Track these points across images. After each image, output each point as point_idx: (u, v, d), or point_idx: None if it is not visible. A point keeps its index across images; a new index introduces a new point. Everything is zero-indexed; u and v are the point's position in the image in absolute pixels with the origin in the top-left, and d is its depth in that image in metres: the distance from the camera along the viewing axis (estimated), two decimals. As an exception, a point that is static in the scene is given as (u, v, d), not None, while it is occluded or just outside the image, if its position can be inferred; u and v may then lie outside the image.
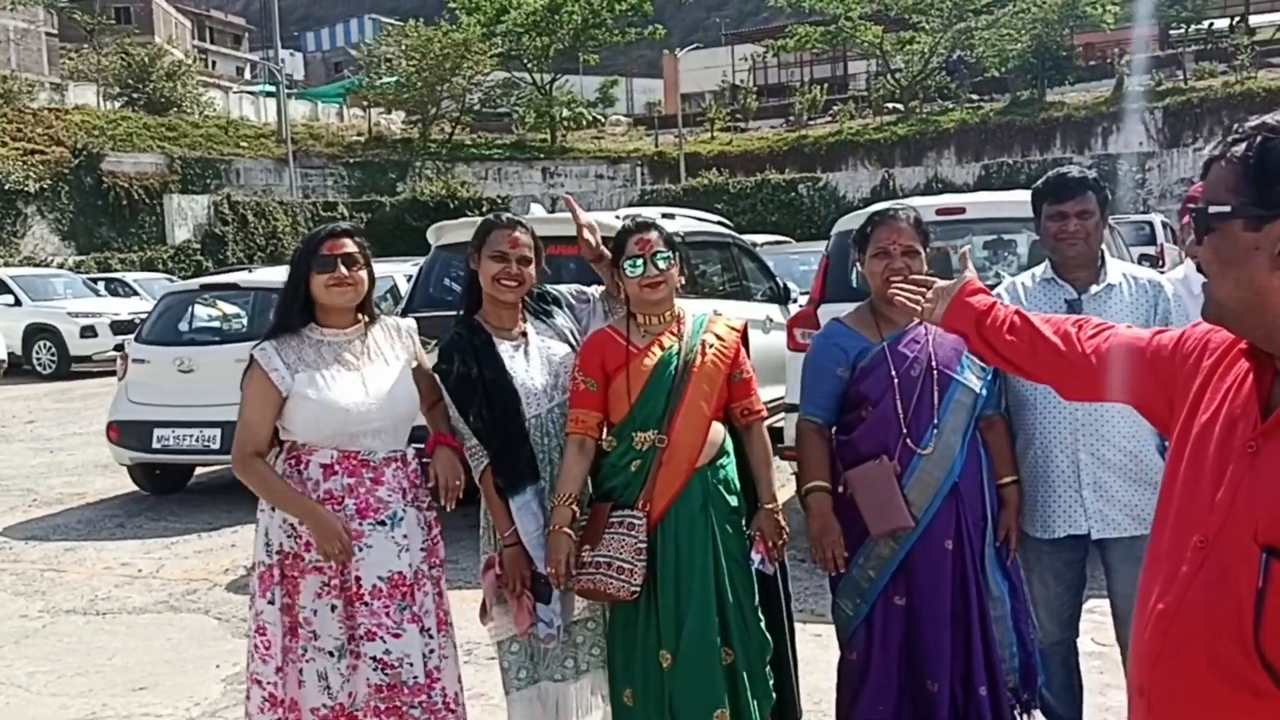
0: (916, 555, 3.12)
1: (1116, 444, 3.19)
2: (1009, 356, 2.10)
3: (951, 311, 2.21)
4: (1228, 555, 1.40)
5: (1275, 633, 1.32)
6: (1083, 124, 27.87)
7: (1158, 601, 1.50)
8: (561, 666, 3.32)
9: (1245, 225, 1.40)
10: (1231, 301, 1.45)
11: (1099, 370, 1.88)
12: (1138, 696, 1.55)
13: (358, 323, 3.25)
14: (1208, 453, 1.50)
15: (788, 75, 45.83)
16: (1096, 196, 3.25)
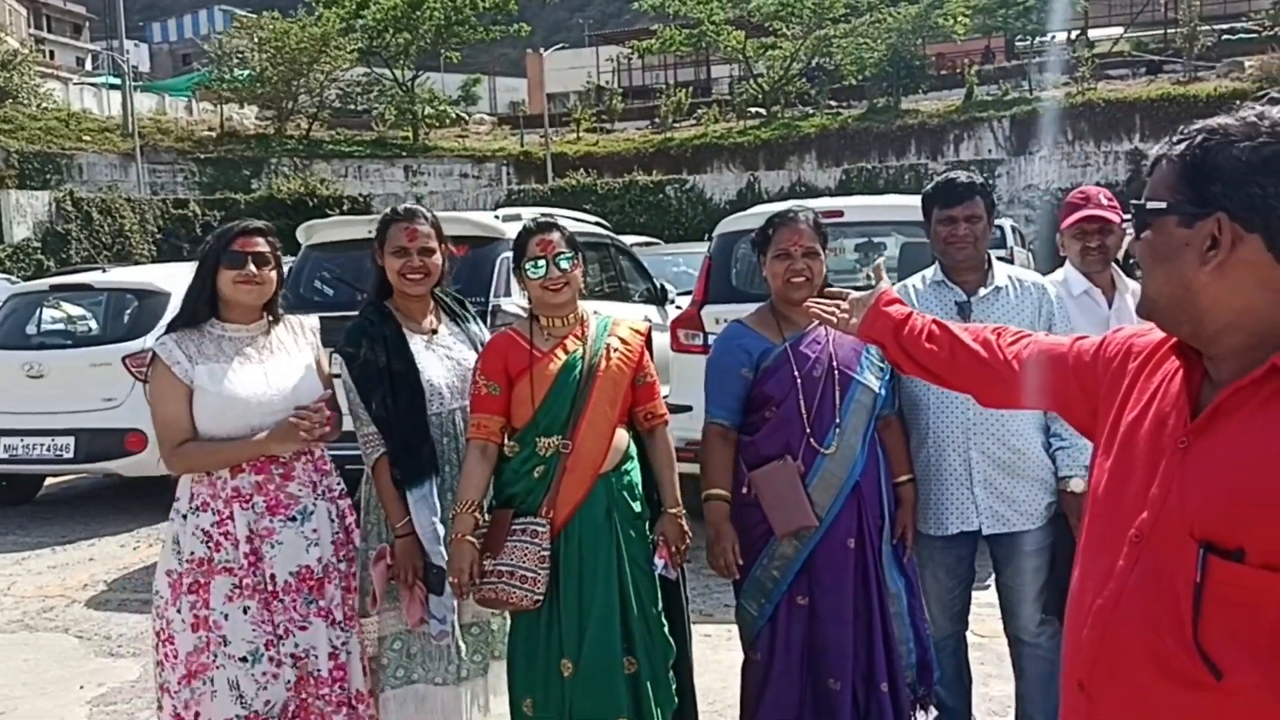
0: (820, 554, 3.15)
1: (1006, 442, 3.29)
2: (928, 365, 2.11)
3: (868, 322, 2.21)
4: (1163, 550, 1.42)
5: (1213, 626, 1.35)
6: (936, 131, 28.87)
7: (1095, 597, 1.51)
8: (443, 670, 3.26)
9: (1179, 222, 1.42)
10: (1162, 298, 1.47)
11: (1020, 378, 1.91)
12: (1077, 691, 1.56)
13: (261, 319, 3.17)
14: (1137, 450, 1.52)
15: (652, 78, 46.17)
16: (984, 202, 3.35)
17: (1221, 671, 1.34)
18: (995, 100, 29.89)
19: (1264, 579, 1.31)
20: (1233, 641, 1.33)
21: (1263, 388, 1.38)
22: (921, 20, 32.17)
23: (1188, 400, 1.48)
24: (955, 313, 3.34)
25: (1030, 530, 3.34)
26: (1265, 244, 1.37)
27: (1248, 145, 1.36)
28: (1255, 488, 1.34)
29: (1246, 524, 1.34)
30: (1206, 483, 1.39)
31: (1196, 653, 1.35)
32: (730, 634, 4.95)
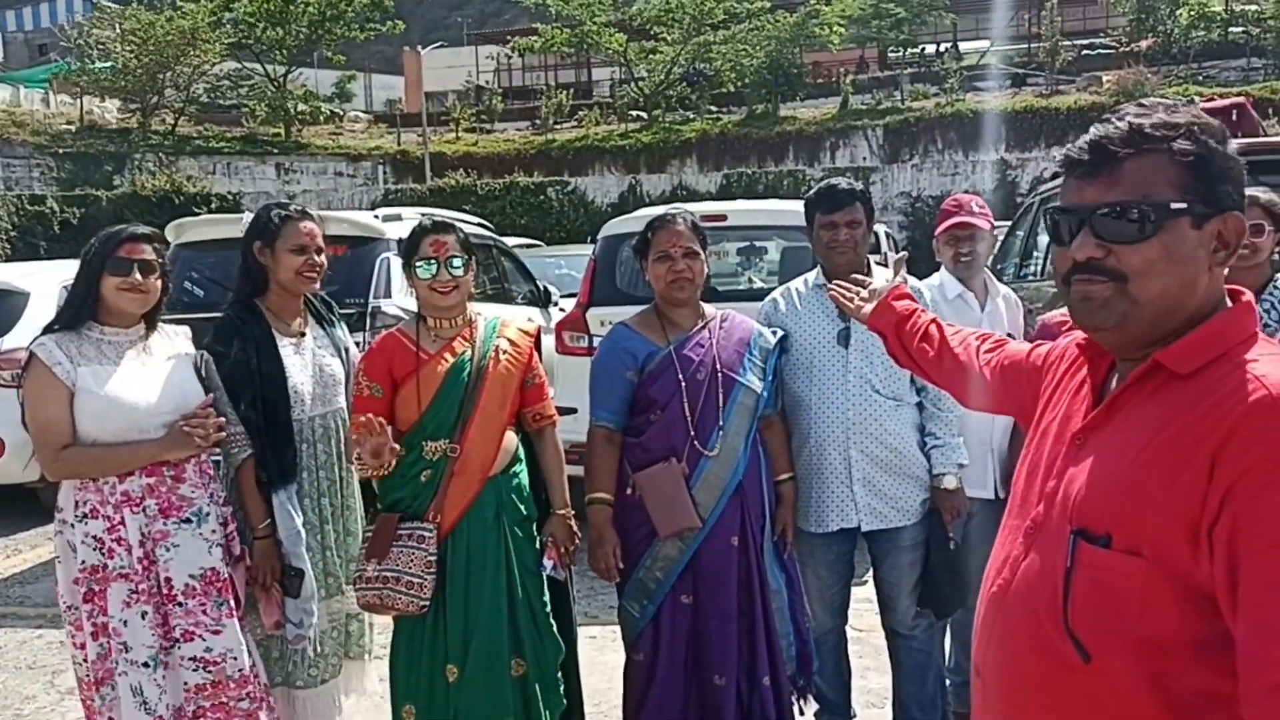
0: (703, 554, 3.19)
1: (884, 442, 3.38)
2: (919, 362, 2.21)
3: (876, 313, 2.35)
4: (1048, 539, 1.47)
5: (1082, 609, 1.39)
6: (813, 138, 29.41)
7: (990, 585, 1.57)
8: (304, 673, 3.27)
9: (1191, 223, 1.39)
10: (1161, 301, 1.41)
11: (991, 386, 1.98)
12: (975, 675, 1.61)
13: (139, 324, 3.10)
14: (1046, 446, 1.56)
15: (533, 78, 45.94)
16: (864, 208, 3.44)
17: (1089, 654, 1.38)
18: (869, 109, 30.61)
19: (1127, 564, 1.34)
20: (1100, 625, 1.37)
21: (1148, 381, 1.42)
22: (799, 29, 32.74)
23: (1092, 397, 1.53)
24: (836, 316, 3.42)
25: (907, 526, 3.44)
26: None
27: (1233, 146, 1.41)
28: (1123, 475, 1.38)
29: (1114, 510, 1.38)
30: (1086, 474, 1.43)
31: (1067, 636, 1.39)
32: (615, 635, 4.95)
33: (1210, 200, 1.39)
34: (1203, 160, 1.39)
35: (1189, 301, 1.42)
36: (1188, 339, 1.40)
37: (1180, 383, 1.39)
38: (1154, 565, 1.33)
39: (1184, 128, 1.40)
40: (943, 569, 3.44)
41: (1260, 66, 29.71)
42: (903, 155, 28.10)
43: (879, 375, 3.38)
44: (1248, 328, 1.40)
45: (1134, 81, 27.57)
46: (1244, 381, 1.32)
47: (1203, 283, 1.41)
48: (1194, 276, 1.41)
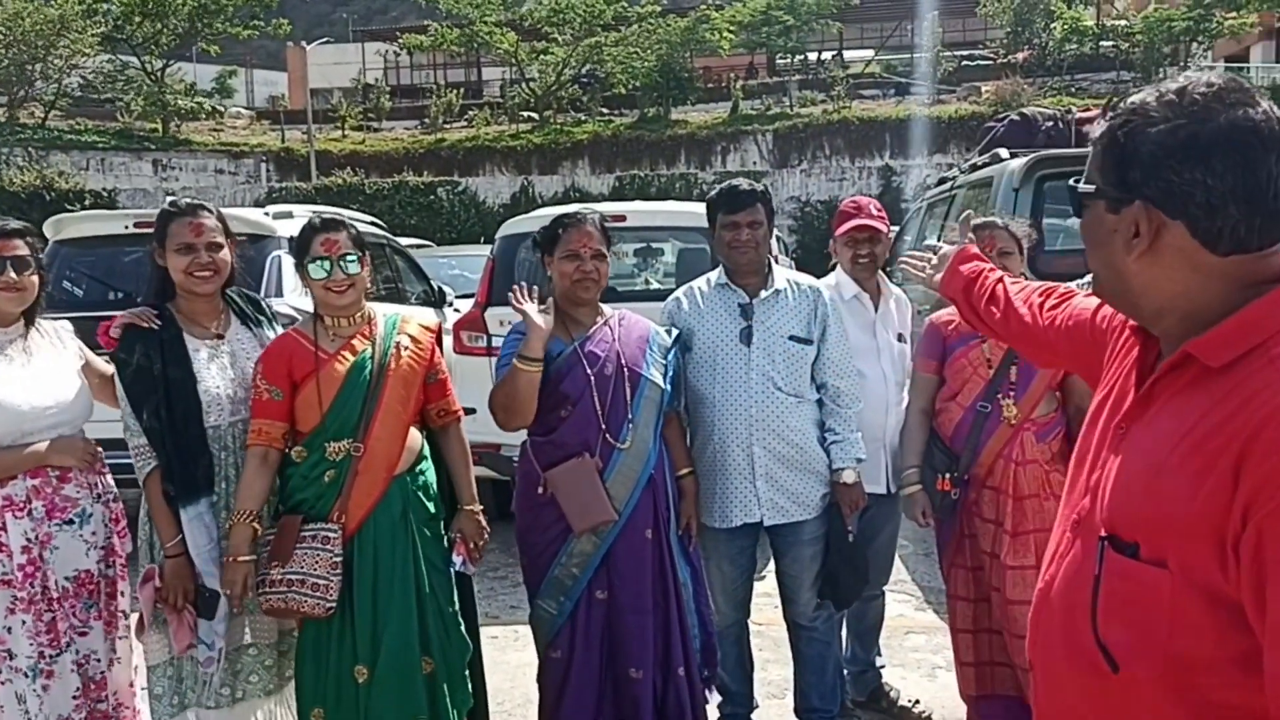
0: (619, 547, 3.22)
1: (786, 437, 3.45)
2: (989, 324, 2.16)
3: (946, 279, 2.29)
4: (1088, 537, 1.40)
5: (1109, 618, 1.33)
6: (704, 142, 29.71)
7: (1041, 579, 1.51)
8: (217, 694, 3.11)
9: (1106, 207, 1.37)
10: (1101, 279, 1.44)
11: (1054, 343, 1.90)
12: (1032, 670, 1.56)
13: (18, 321, 2.98)
14: (1095, 432, 1.49)
15: (422, 77, 45.40)
16: (765, 209, 3.51)
17: (1118, 664, 1.32)
18: (759, 115, 31.06)
19: (1153, 575, 1.28)
20: (1128, 636, 1.31)
21: (1182, 375, 1.34)
22: (690, 34, 33.01)
23: (1137, 382, 1.44)
24: (739, 314, 3.48)
25: (808, 520, 3.52)
26: (1189, 230, 1.30)
27: (1164, 128, 1.30)
28: (1151, 481, 1.31)
29: (1140, 518, 1.31)
30: (1122, 472, 1.36)
31: (1094, 639, 1.35)
32: (517, 634, 4.96)
33: (1121, 186, 1.34)
34: (1115, 146, 1.35)
35: (1127, 285, 1.39)
36: (1218, 329, 1.29)
37: (1213, 377, 1.29)
38: (1181, 577, 1.25)
39: (1121, 114, 1.35)
40: (842, 561, 3.52)
41: (1129, 79, 31.05)
42: (792, 160, 28.58)
43: (780, 372, 3.44)
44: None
45: (1011, 92, 28.56)
46: (1273, 379, 1.22)
47: (1142, 272, 1.36)
48: (1114, 261, 1.38)
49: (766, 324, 3.47)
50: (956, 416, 3.58)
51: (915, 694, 4.20)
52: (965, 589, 3.64)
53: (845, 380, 3.53)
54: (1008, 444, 3.48)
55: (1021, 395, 3.48)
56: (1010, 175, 5.69)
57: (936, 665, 4.54)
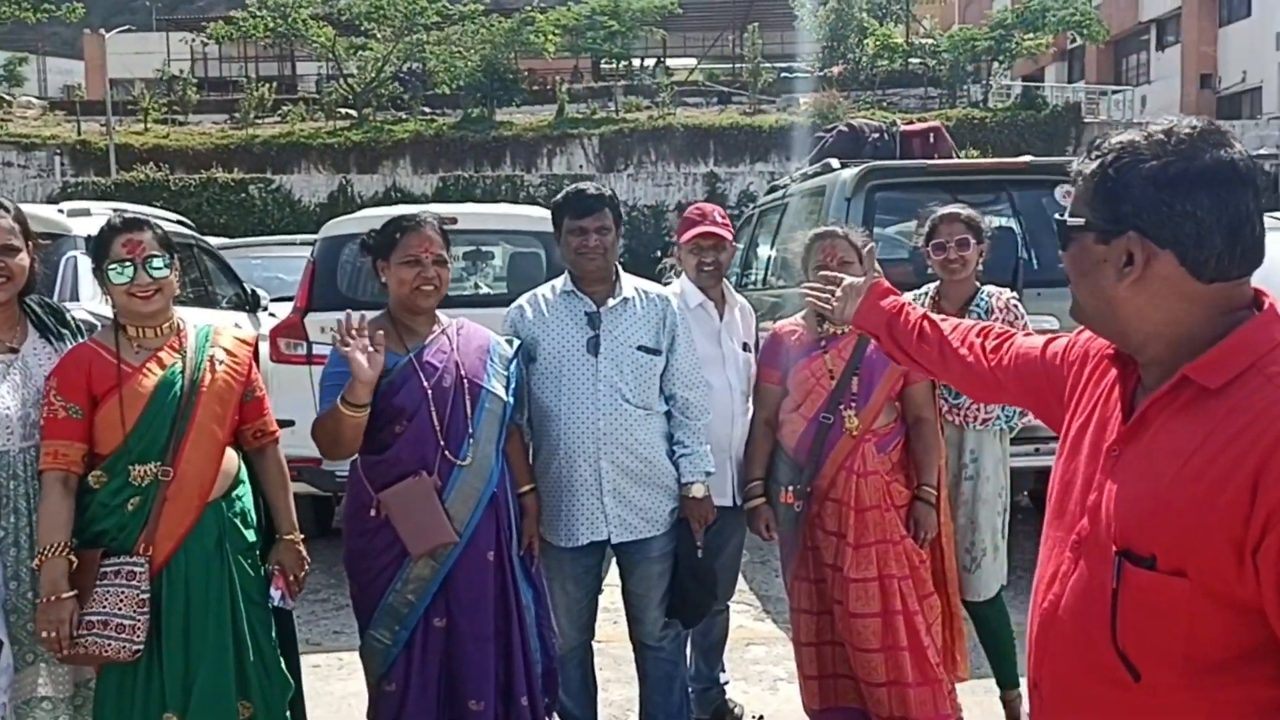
0: (459, 571, 3.02)
1: (635, 452, 3.33)
2: (920, 361, 2.16)
3: (863, 313, 2.26)
4: (1094, 555, 1.47)
5: (1130, 629, 1.40)
6: (530, 144, 29.47)
7: (1043, 599, 1.57)
8: None
9: (1096, 239, 1.46)
10: (1089, 308, 1.52)
11: (1004, 383, 1.96)
12: (1033, 690, 1.61)
13: None
14: (1081, 455, 1.56)
15: (232, 69, 43.48)
16: (613, 214, 3.38)
17: (1139, 673, 1.39)
18: (585, 118, 31.08)
19: (1173, 585, 1.35)
20: (1148, 645, 1.38)
21: (1177, 397, 1.42)
22: (514, 35, 32.74)
23: (1122, 407, 1.52)
24: (585, 323, 3.33)
25: (656, 536, 3.41)
26: (1177, 259, 1.40)
27: (1155, 164, 1.40)
28: (1163, 496, 1.38)
29: (1156, 531, 1.38)
30: (1126, 491, 1.44)
31: (1114, 651, 1.41)
32: (341, 663, 4.69)
33: (1112, 218, 1.44)
34: (1105, 181, 1.44)
35: (1115, 312, 1.47)
36: (1213, 352, 1.39)
37: (1211, 397, 1.38)
38: (1199, 585, 1.34)
39: (1108, 152, 1.45)
40: (691, 578, 3.42)
41: (936, 96, 32.59)
42: (618, 165, 28.71)
43: (629, 384, 3.32)
44: (1274, 337, 1.39)
45: (828, 104, 29.50)
46: (1277, 398, 1.32)
47: (1131, 300, 1.44)
48: (1103, 289, 1.47)
49: (614, 334, 3.34)
50: (800, 428, 3.54)
51: (758, 709, 4.15)
52: (808, 602, 3.60)
53: (694, 391, 3.44)
54: (850, 455, 3.46)
55: (863, 406, 3.46)
56: (843, 185, 5.76)
57: (778, 677, 4.51)
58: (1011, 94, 33.92)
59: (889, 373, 3.46)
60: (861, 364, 3.48)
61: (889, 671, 3.44)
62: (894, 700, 3.43)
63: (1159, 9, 38.42)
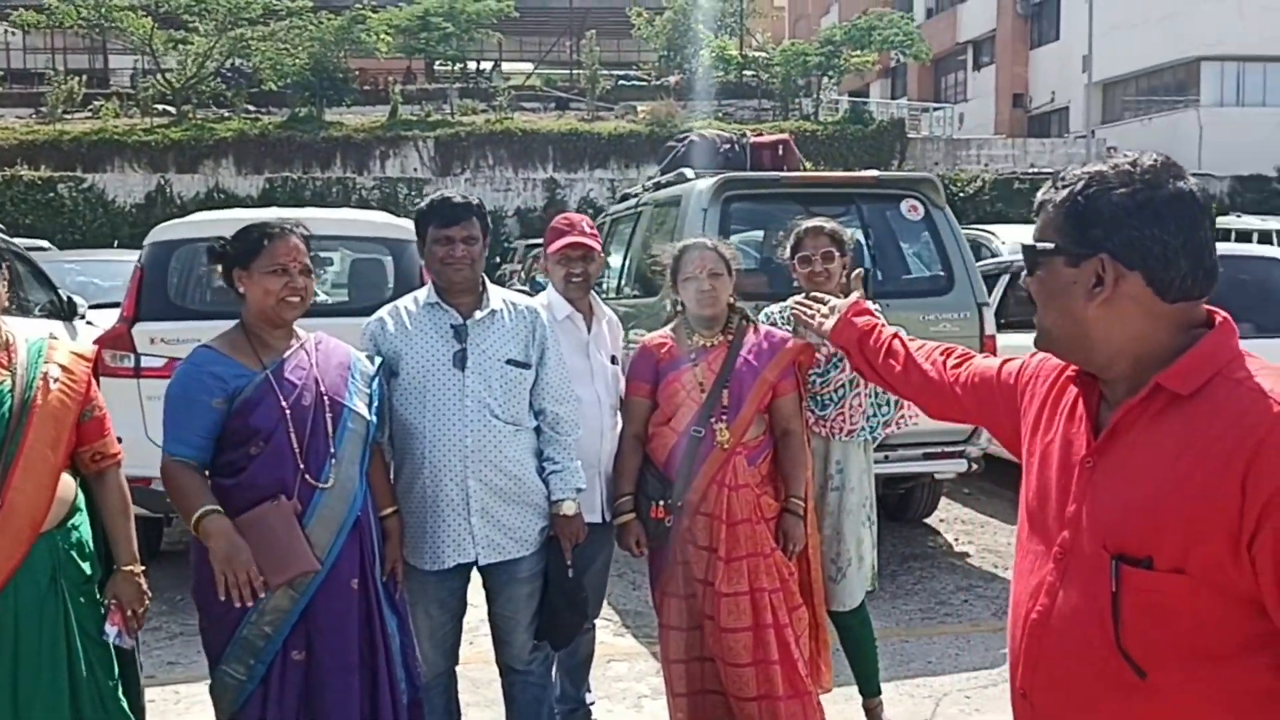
0: (320, 600, 2.85)
1: (504, 469, 3.21)
2: (885, 377, 2.26)
3: (838, 329, 2.38)
4: (1083, 563, 1.54)
5: (1133, 630, 1.46)
6: (362, 146, 28.69)
7: (1030, 611, 1.62)
8: None
9: (1065, 262, 1.54)
10: (1056, 330, 1.60)
11: (961, 399, 2.05)
12: (1021, 700, 1.65)
13: None
14: (1052, 472, 1.64)
15: (39, 61, 40.86)
16: (480, 223, 3.26)
17: (1144, 671, 1.46)
18: (419, 120, 30.46)
19: (1174, 582, 1.43)
20: (1152, 643, 1.45)
21: (1150, 405, 1.50)
22: (344, 33, 31.79)
23: (1089, 420, 1.61)
24: (451, 336, 3.21)
25: (525, 556, 3.31)
26: (1145, 279, 1.49)
27: (1124, 191, 1.49)
28: (1155, 499, 1.46)
29: (1151, 533, 1.45)
30: (1112, 498, 1.52)
31: (1121, 656, 1.47)
32: (178, 696, 4.44)
33: (1082, 242, 1.52)
34: (1075, 208, 1.53)
35: (1084, 332, 1.55)
36: (1183, 361, 1.48)
37: (1184, 404, 1.47)
38: (1198, 580, 1.41)
39: (1076, 181, 1.54)
40: (562, 598, 3.33)
41: (769, 108, 33.37)
42: (454, 168, 28.26)
43: (497, 399, 3.20)
44: (1233, 346, 1.51)
45: (665, 113, 29.82)
46: (1258, 398, 1.42)
47: (1101, 319, 1.53)
48: (1072, 310, 1.55)
49: (482, 347, 3.22)
50: (670, 441, 3.49)
51: (625, 727, 4.09)
52: (678, 618, 3.56)
53: (565, 406, 3.35)
54: (721, 469, 3.44)
55: (734, 419, 3.45)
56: (699, 195, 5.77)
57: (642, 694, 4.45)
58: (840, 108, 35.07)
59: (758, 385, 3.45)
60: (731, 377, 3.46)
61: (760, 686, 3.42)
62: (765, 714, 3.43)
63: (975, 31, 40.51)
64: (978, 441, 5.87)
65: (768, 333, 3.58)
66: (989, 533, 6.82)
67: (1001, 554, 6.32)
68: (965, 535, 6.77)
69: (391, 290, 6.18)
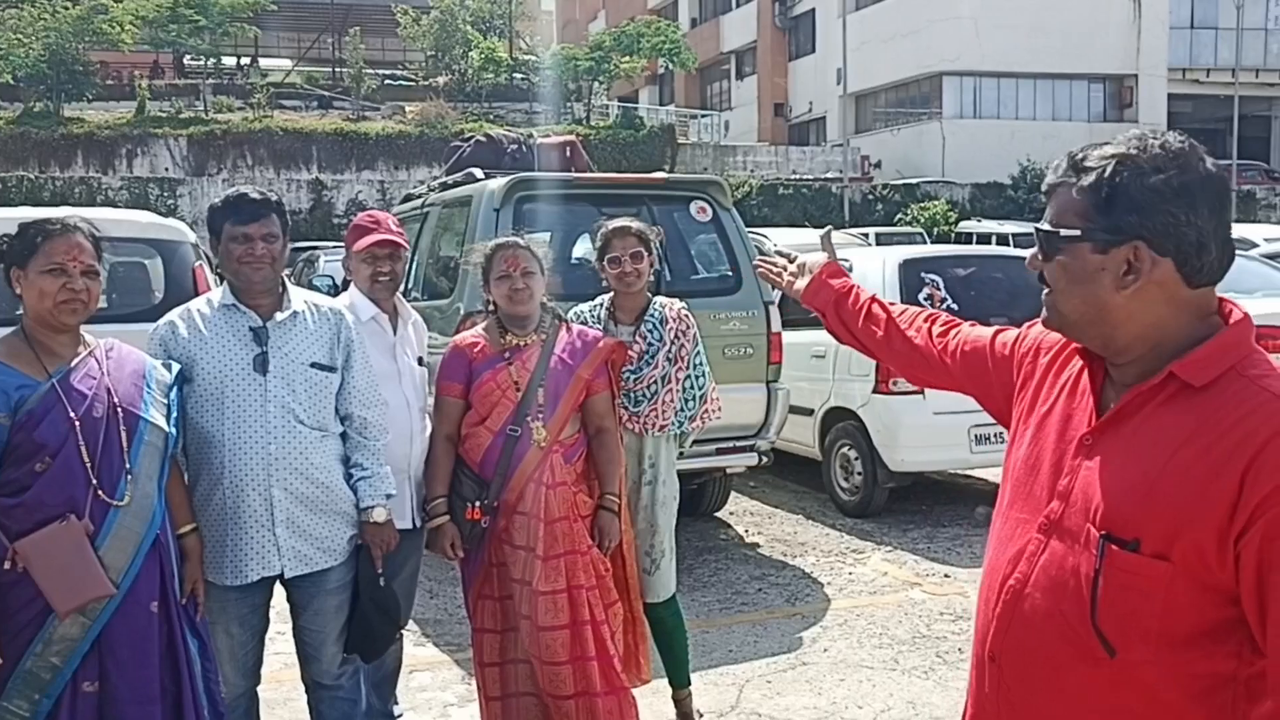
0: (117, 627, 2.64)
1: (310, 477, 3.08)
2: (865, 342, 2.18)
3: (812, 290, 2.25)
4: (1069, 537, 1.55)
5: (1109, 608, 1.49)
6: (107, 143, 26.83)
7: (1008, 576, 1.63)
8: None
9: (1093, 249, 1.51)
10: (1075, 314, 1.57)
11: (950, 368, 2.01)
12: (989, 663, 1.67)
13: None
14: (1047, 443, 1.64)
15: None
16: (280, 220, 3.12)
17: (1115, 649, 1.49)
18: (170, 117, 28.79)
19: (1155, 567, 1.46)
20: (1126, 623, 1.48)
21: (1160, 392, 1.51)
22: (84, 23, 29.65)
23: (1094, 398, 1.61)
24: (251, 339, 3.04)
25: (334, 567, 3.18)
26: (1176, 266, 1.48)
27: (1160, 177, 1.46)
28: (1152, 483, 1.47)
29: (1143, 516, 1.47)
30: (1109, 478, 1.52)
31: (1094, 632, 1.50)
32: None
33: (1113, 229, 1.50)
34: (1105, 193, 1.50)
35: (1106, 317, 1.54)
36: (1199, 352, 1.49)
37: (1195, 394, 1.48)
38: (1178, 568, 1.45)
39: (1103, 165, 1.51)
40: (375, 608, 3.22)
41: (541, 111, 33.47)
42: (210, 168, 26.90)
43: (302, 404, 3.06)
44: (1250, 343, 1.51)
45: (435, 114, 29.41)
46: (1269, 400, 1.44)
47: (1126, 307, 1.52)
48: (1099, 296, 1.53)
49: (284, 350, 3.07)
50: (486, 441, 3.44)
51: (434, 737, 3.99)
52: (493, 621, 3.51)
53: (372, 410, 3.24)
54: (538, 467, 3.41)
55: (550, 417, 3.43)
56: (490, 195, 5.71)
57: (448, 703, 4.37)
58: (611, 113, 35.59)
59: (574, 383, 3.45)
60: (547, 375, 3.44)
61: (577, 683, 3.42)
62: (582, 711, 3.42)
63: (737, 41, 42.03)
64: (766, 435, 6.08)
65: (580, 331, 3.59)
66: (776, 523, 7.08)
67: (789, 543, 6.57)
68: (755, 526, 7.00)
69: (162, 295, 5.81)
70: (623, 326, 3.81)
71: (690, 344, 3.83)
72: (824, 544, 6.53)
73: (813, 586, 5.73)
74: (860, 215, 28.40)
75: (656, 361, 3.70)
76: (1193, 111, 36.28)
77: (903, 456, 6.69)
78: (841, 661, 4.68)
